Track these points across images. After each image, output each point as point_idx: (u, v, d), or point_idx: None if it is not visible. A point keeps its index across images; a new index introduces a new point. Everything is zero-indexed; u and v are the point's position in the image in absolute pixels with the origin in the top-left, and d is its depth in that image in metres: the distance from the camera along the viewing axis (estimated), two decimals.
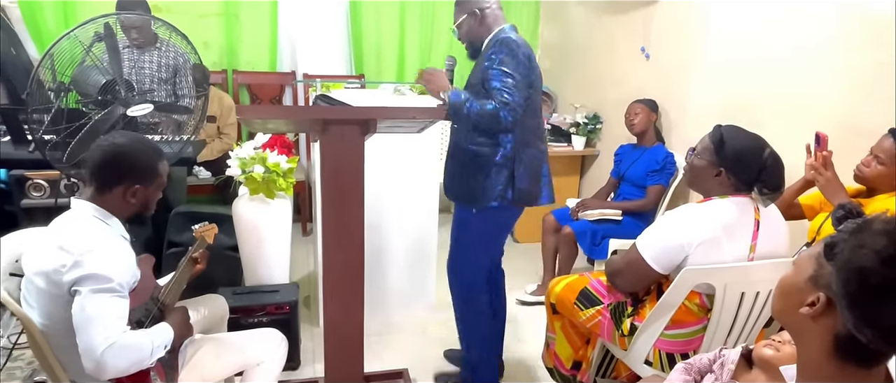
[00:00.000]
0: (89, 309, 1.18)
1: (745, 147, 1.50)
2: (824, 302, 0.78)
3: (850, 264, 0.73)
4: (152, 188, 1.42)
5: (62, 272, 1.21)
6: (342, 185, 1.56)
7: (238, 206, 2.36)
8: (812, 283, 0.81)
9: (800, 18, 2.23)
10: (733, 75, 2.57)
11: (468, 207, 1.93)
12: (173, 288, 1.53)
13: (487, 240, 2.01)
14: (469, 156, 1.87)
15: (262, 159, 2.28)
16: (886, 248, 0.69)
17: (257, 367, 1.61)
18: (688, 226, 1.52)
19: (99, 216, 1.33)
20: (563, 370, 1.94)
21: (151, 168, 1.40)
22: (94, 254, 1.23)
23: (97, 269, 1.21)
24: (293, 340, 2.20)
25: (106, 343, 1.16)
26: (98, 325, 1.17)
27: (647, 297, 1.67)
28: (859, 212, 0.82)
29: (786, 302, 0.86)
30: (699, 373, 1.23)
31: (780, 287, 0.90)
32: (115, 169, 1.34)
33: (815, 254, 0.83)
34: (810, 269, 0.82)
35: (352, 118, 1.55)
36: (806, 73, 2.22)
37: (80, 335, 1.18)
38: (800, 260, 0.87)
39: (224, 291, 2.10)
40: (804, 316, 0.81)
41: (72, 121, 1.92)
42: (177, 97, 2.73)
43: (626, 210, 2.85)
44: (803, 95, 2.23)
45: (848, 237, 0.76)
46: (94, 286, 1.20)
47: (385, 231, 2.60)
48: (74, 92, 2.02)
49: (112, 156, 1.34)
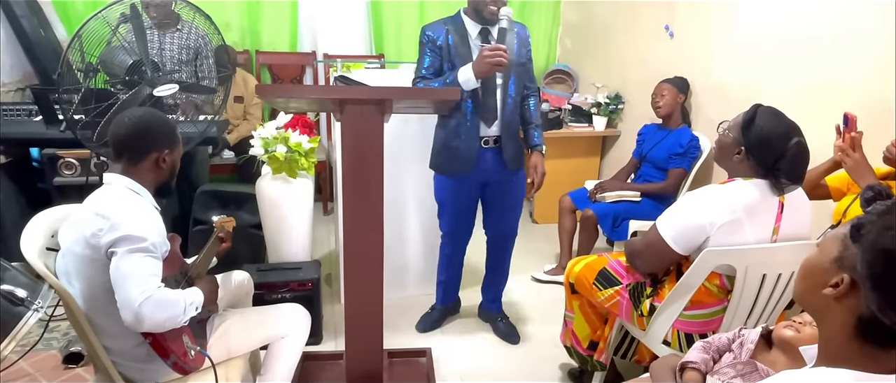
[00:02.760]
0: (125, 268, 1.25)
1: (772, 131, 1.46)
2: (848, 284, 0.78)
3: (876, 246, 0.72)
4: (177, 152, 1.51)
5: (100, 235, 1.28)
6: (362, 164, 1.58)
7: (261, 185, 2.41)
8: (837, 264, 0.80)
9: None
10: (759, 55, 2.51)
11: (521, 170, 2.19)
12: (201, 262, 1.58)
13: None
14: (516, 129, 2.15)
15: (284, 139, 2.31)
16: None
17: (282, 341, 1.65)
18: (709, 208, 1.50)
19: (132, 188, 1.40)
20: (581, 349, 1.95)
21: (173, 131, 1.50)
22: (129, 218, 1.30)
23: (132, 231, 1.28)
24: (315, 316, 2.25)
25: (143, 296, 1.23)
26: (134, 279, 1.25)
27: (667, 278, 1.66)
28: (889, 194, 0.81)
29: (809, 282, 0.86)
30: (718, 352, 1.24)
31: (804, 268, 0.89)
32: (145, 139, 1.42)
33: (840, 235, 0.82)
34: (835, 251, 0.81)
35: (369, 98, 1.56)
36: (835, 54, 2.15)
37: (119, 290, 1.25)
38: (825, 241, 0.86)
39: (249, 268, 2.16)
40: (827, 297, 0.81)
41: (100, 100, 1.97)
42: (199, 78, 2.77)
43: (645, 192, 2.83)
44: (832, 77, 2.17)
45: (875, 219, 0.75)
46: (130, 246, 1.27)
47: (405, 209, 2.62)
48: (102, 72, 2.06)
49: (139, 127, 1.41)
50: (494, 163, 2.11)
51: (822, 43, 2.20)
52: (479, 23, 2.03)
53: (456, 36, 2.01)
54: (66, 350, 2.11)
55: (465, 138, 2.05)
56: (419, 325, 2.47)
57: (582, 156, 3.75)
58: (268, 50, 3.93)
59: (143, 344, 1.35)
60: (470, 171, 2.09)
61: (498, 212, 2.26)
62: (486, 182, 2.17)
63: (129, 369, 1.43)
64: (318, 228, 3.32)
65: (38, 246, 1.38)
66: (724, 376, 1.13)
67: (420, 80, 2.03)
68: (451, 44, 2.01)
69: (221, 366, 1.50)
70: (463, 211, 2.22)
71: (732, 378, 1.12)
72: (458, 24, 2.03)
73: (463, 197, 2.19)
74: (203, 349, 1.45)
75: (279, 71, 3.98)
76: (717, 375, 1.15)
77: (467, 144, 2.06)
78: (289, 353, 1.67)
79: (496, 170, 2.12)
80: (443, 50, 2.02)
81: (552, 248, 3.20)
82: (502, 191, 2.20)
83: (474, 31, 2.03)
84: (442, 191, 2.22)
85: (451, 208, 2.23)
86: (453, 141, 2.07)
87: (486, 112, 2.04)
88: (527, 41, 2.12)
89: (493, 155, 2.10)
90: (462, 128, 2.05)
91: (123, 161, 1.42)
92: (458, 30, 2.02)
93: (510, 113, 2.08)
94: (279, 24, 3.90)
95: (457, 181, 2.15)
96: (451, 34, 2.01)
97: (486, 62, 1.85)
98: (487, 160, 2.10)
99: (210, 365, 1.43)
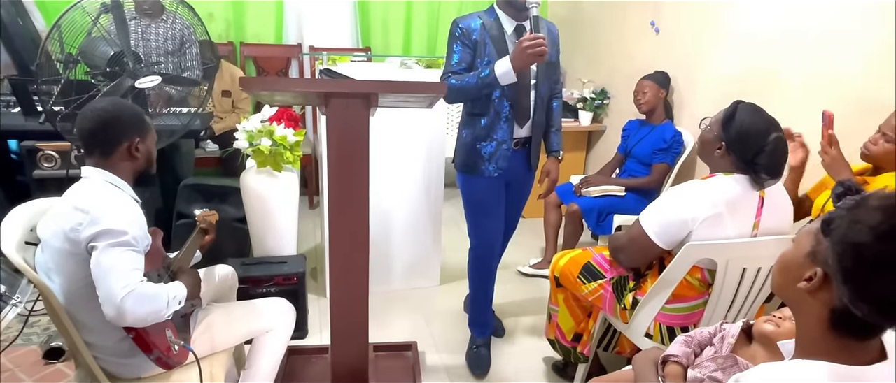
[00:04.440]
0: (106, 262, 1.23)
1: (751, 127, 1.48)
2: (821, 277, 0.80)
3: (845, 239, 0.74)
4: (150, 139, 1.48)
5: (79, 229, 1.26)
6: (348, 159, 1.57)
7: (246, 179, 2.39)
8: (810, 259, 0.82)
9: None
10: (744, 51, 2.54)
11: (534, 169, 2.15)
12: (184, 256, 1.57)
13: None
14: (543, 131, 2.09)
15: (269, 132, 2.29)
16: (881, 224, 0.70)
17: (266, 335, 1.65)
18: (691, 203, 1.52)
19: (110, 181, 1.38)
20: (565, 341, 1.97)
21: (143, 119, 1.46)
22: (109, 212, 1.28)
23: (112, 225, 1.26)
24: (301, 310, 2.25)
25: (125, 290, 1.21)
26: (116, 274, 1.23)
27: (649, 272, 1.68)
28: (858, 189, 0.83)
29: (785, 277, 0.88)
30: (699, 346, 1.26)
31: (781, 262, 0.91)
32: (113, 129, 1.39)
33: (813, 229, 0.84)
34: (809, 245, 0.83)
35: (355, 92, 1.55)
36: (819, 51, 2.19)
37: (100, 285, 1.23)
38: (799, 236, 0.88)
39: (233, 262, 2.14)
40: (802, 291, 0.82)
41: (81, 92, 1.94)
42: (182, 70, 2.74)
43: (629, 187, 2.85)
44: (815, 74, 2.20)
45: (845, 213, 0.77)
46: (111, 240, 1.25)
47: (392, 205, 2.62)
48: (83, 63, 2.03)
49: (104, 118, 1.38)
50: (520, 164, 2.05)
51: (806, 39, 2.24)
52: (514, 19, 1.90)
53: (493, 30, 1.88)
54: (47, 345, 2.08)
55: (500, 139, 1.94)
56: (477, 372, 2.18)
57: (568, 151, 3.77)
58: (252, 42, 3.88)
59: (125, 338, 1.34)
60: (503, 172, 1.99)
61: (512, 210, 2.19)
62: (510, 181, 2.08)
63: (110, 364, 1.42)
64: (303, 222, 3.30)
65: (16, 240, 1.36)
66: (705, 369, 1.15)
67: (451, 77, 1.88)
68: (487, 38, 1.87)
69: (205, 361, 1.49)
70: (496, 212, 2.09)
71: (713, 371, 1.14)
72: (493, 19, 1.90)
73: (495, 196, 2.06)
74: (187, 343, 1.44)
75: (264, 63, 3.94)
76: (698, 368, 1.16)
77: (502, 145, 1.95)
78: (274, 347, 1.67)
79: (520, 170, 2.07)
80: (478, 45, 1.88)
81: (538, 242, 3.22)
82: (519, 190, 2.16)
83: (510, 27, 1.90)
84: (472, 192, 2.07)
85: (482, 210, 2.08)
86: (487, 142, 1.95)
87: (520, 112, 1.94)
88: (556, 39, 2.02)
89: (521, 156, 2.04)
90: (497, 130, 1.94)
91: (96, 155, 1.39)
92: (494, 24, 1.89)
93: (540, 113, 2.00)
94: (264, 16, 3.86)
95: (488, 181, 2.01)
96: (487, 28, 1.88)
97: (527, 53, 1.71)
98: (516, 160, 2.02)
99: (194, 360, 1.42)
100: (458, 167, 2.06)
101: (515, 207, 2.21)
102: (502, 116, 1.93)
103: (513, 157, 1.99)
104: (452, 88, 1.87)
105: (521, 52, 1.73)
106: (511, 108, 1.92)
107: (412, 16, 4.11)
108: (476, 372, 2.18)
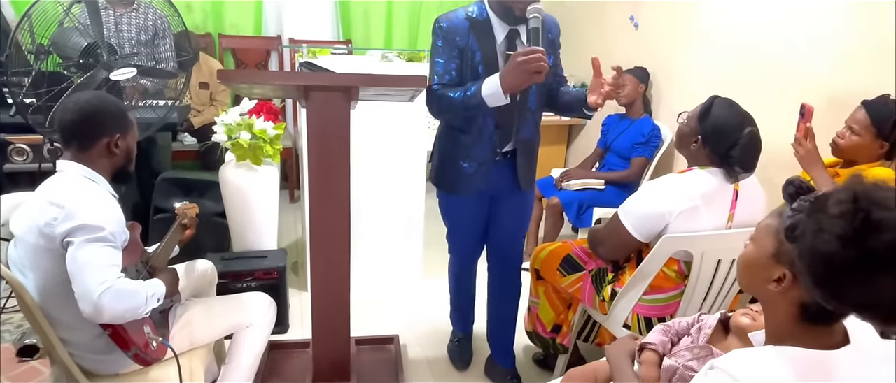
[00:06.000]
0: (82, 258, 1.21)
1: (726, 121, 1.51)
2: (791, 279, 0.83)
3: (814, 251, 0.75)
4: (131, 137, 1.44)
5: (54, 224, 1.23)
6: (328, 152, 1.57)
7: (225, 173, 2.36)
8: (775, 260, 0.85)
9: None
10: (723, 46, 2.58)
11: (531, 192, 1.92)
12: (162, 251, 1.55)
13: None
14: (533, 146, 1.83)
15: (248, 126, 2.27)
16: (846, 233, 0.72)
17: (247, 330, 1.64)
18: (668, 196, 1.55)
19: (86, 175, 1.35)
20: (544, 333, 2.00)
21: (125, 114, 1.43)
22: (85, 207, 1.25)
23: (88, 220, 1.23)
24: (282, 305, 2.24)
25: (102, 287, 1.19)
26: (93, 270, 1.20)
27: (628, 264, 1.71)
28: (808, 188, 0.85)
29: (752, 277, 0.92)
30: (677, 335, 1.29)
31: (744, 262, 0.95)
32: (95, 123, 1.36)
33: (772, 229, 0.87)
34: (771, 247, 0.86)
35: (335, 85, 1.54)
36: (795, 46, 2.23)
37: (76, 281, 1.20)
38: (758, 235, 0.91)
39: (212, 257, 2.12)
40: (772, 291, 0.86)
41: (53, 84, 1.90)
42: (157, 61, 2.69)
43: (609, 180, 2.90)
44: (791, 69, 2.25)
45: (806, 219, 0.78)
46: (87, 235, 1.22)
47: (373, 198, 2.61)
48: (54, 55, 1.98)
49: (88, 112, 1.35)
50: (506, 178, 1.78)
51: (783, 35, 2.28)
52: (506, 23, 1.61)
53: (480, 36, 1.60)
54: (20, 342, 2.04)
55: (479, 159, 1.73)
56: (459, 364, 2.18)
57: (549, 145, 3.80)
58: (231, 33, 3.83)
59: (102, 335, 1.32)
60: (482, 192, 1.80)
61: (503, 230, 1.92)
62: (495, 197, 1.85)
63: (87, 361, 1.39)
64: (284, 216, 3.28)
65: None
66: (681, 359, 1.18)
67: (438, 88, 1.62)
68: (475, 46, 1.60)
69: (185, 356, 1.48)
70: (475, 230, 1.93)
71: (688, 361, 1.17)
72: (483, 19, 1.60)
73: (475, 214, 1.88)
74: (165, 339, 1.42)
75: (243, 55, 3.89)
76: (674, 357, 1.19)
77: (481, 165, 1.73)
78: (254, 342, 1.66)
79: (506, 185, 1.80)
80: (464, 53, 1.60)
81: None
82: (510, 208, 1.88)
83: (501, 33, 1.62)
84: (451, 210, 1.90)
85: (461, 228, 1.94)
86: (466, 161, 1.74)
87: (506, 131, 1.71)
88: (557, 36, 1.75)
89: (506, 168, 1.77)
90: (477, 149, 1.71)
91: (73, 148, 1.36)
92: (482, 28, 1.60)
93: (528, 130, 1.74)
94: (243, 7, 3.81)
95: (466, 199, 1.83)
96: (475, 33, 1.60)
97: (522, 70, 1.42)
98: (499, 173, 1.76)
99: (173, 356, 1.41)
100: (435, 182, 1.87)
101: (506, 226, 1.91)
102: (485, 135, 1.70)
103: (494, 172, 1.75)
104: (438, 102, 1.63)
105: (515, 69, 1.44)
106: (496, 128, 1.69)
107: (393, 8, 4.09)
108: (458, 364, 2.19)
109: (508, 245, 1.97)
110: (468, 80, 1.61)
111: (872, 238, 0.71)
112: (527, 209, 1.94)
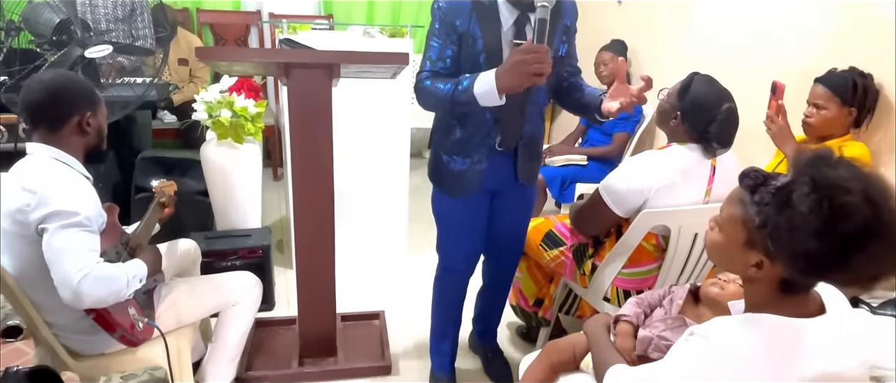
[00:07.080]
0: (59, 244, 1.19)
1: (704, 97, 1.53)
2: (769, 262, 0.86)
3: (795, 250, 0.80)
4: (101, 114, 1.40)
5: (27, 211, 1.21)
6: (310, 129, 1.57)
7: (206, 151, 2.34)
8: (748, 247, 0.88)
9: None
10: (707, 22, 2.59)
11: (533, 187, 1.79)
12: (142, 231, 1.54)
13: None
14: (536, 141, 1.68)
15: (228, 103, 2.24)
16: (819, 229, 0.77)
17: (233, 308, 1.65)
18: (647, 172, 1.58)
19: (58, 157, 1.31)
20: (527, 307, 2.04)
21: (92, 91, 1.38)
22: (58, 191, 1.22)
23: (63, 206, 1.21)
24: (267, 283, 2.25)
25: (81, 273, 1.17)
26: (70, 257, 1.18)
27: (608, 239, 1.75)
28: (765, 177, 0.88)
29: (730, 263, 0.95)
30: (649, 307, 1.33)
31: (716, 250, 0.97)
32: (64, 102, 1.32)
33: (738, 220, 0.89)
34: (741, 236, 0.89)
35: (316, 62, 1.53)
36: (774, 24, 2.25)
37: (54, 269, 1.19)
38: (724, 224, 0.94)
39: (196, 236, 2.12)
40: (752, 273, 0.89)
41: (26, 62, 1.86)
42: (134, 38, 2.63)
43: (591, 156, 2.93)
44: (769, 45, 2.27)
45: (775, 216, 0.81)
46: (62, 221, 1.20)
47: (357, 175, 2.61)
48: (26, 32, 1.93)
49: (53, 91, 1.30)
50: (505, 171, 1.63)
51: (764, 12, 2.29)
52: (517, 8, 1.42)
53: (484, 21, 1.41)
54: (3, 323, 2.03)
55: (474, 159, 1.57)
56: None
57: None
58: (209, 8, 3.75)
59: (85, 317, 1.31)
60: (480, 190, 1.64)
61: (504, 226, 1.77)
62: (496, 191, 1.69)
63: (72, 341, 1.40)
64: (268, 194, 3.26)
65: None
66: (655, 330, 1.22)
67: (428, 77, 1.46)
68: (477, 32, 1.42)
69: (171, 335, 1.49)
70: (474, 233, 1.73)
71: (662, 331, 1.21)
72: (488, 2, 1.42)
73: (475, 214, 1.69)
74: (151, 320, 1.42)
75: (222, 31, 3.82)
76: (649, 328, 1.23)
77: (476, 165, 1.58)
78: (240, 320, 1.68)
79: (507, 179, 1.65)
80: (464, 39, 1.43)
81: None
82: (511, 203, 1.72)
83: (508, 20, 1.43)
84: (447, 211, 1.70)
85: (459, 232, 1.72)
86: (458, 157, 1.58)
87: (508, 129, 1.54)
88: (574, 21, 1.61)
89: (505, 160, 1.62)
90: (472, 146, 1.56)
91: (42, 129, 1.32)
92: (486, 11, 1.42)
93: (531, 124, 1.60)
94: None
95: (465, 199, 1.65)
96: (478, 17, 1.41)
97: (520, 70, 1.27)
98: (498, 165, 1.60)
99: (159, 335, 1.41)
100: (433, 180, 1.69)
101: (506, 221, 1.76)
102: (483, 132, 1.53)
103: (495, 166, 1.59)
104: (425, 93, 1.47)
105: (513, 68, 1.28)
106: (495, 123, 1.52)
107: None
108: None
109: (509, 241, 1.82)
110: (466, 70, 1.43)
111: (842, 223, 0.75)
112: (529, 204, 1.78)
